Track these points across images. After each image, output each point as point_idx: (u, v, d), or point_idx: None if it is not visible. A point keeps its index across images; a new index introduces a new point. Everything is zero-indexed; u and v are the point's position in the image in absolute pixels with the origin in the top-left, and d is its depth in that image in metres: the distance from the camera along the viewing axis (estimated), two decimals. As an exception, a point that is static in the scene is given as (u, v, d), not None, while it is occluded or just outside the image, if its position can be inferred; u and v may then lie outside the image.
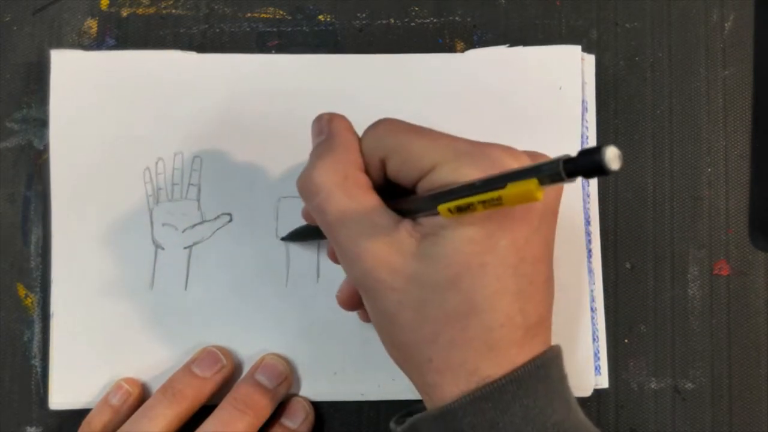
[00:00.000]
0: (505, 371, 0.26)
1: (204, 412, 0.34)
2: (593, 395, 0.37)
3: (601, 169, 0.19)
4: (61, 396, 0.36)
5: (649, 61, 0.39)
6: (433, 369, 0.27)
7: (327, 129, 0.29)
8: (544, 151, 0.29)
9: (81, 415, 0.35)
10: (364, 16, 0.38)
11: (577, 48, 0.38)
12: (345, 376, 0.36)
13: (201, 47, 0.38)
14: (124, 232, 0.36)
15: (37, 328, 0.37)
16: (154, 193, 0.37)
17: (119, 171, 0.37)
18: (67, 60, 0.37)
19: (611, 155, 0.19)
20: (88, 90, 0.37)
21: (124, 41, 0.38)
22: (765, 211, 0.38)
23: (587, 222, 0.37)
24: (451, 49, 0.38)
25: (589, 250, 0.37)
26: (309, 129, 0.30)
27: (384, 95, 0.37)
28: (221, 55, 0.37)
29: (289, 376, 0.35)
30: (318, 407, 0.36)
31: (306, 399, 0.36)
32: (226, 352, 0.36)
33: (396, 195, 0.28)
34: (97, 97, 0.37)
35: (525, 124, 0.37)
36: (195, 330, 0.36)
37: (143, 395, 0.35)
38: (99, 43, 0.38)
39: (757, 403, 0.37)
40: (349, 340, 0.36)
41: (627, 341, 0.37)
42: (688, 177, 0.38)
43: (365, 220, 0.27)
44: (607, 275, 0.37)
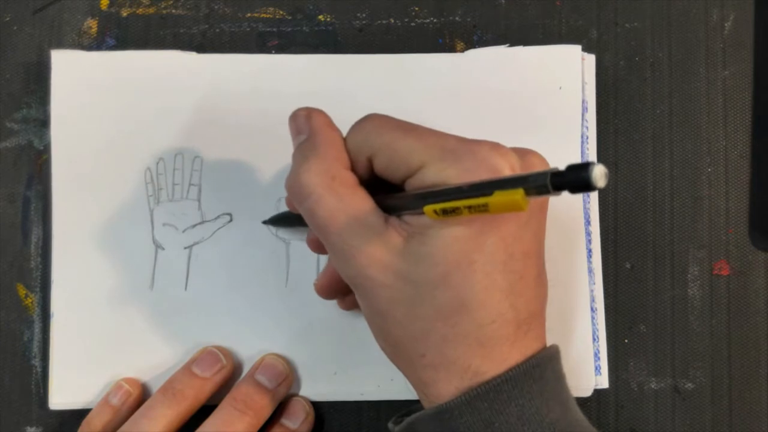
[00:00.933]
0: (499, 367, 0.26)
1: (204, 412, 0.34)
2: (593, 395, 0.37)
3: (587, 185, 0.20)
4: (61, 396, 0.36)
5: (649, 61, 0.39)
6: (426, 364, 0.27)
7: (306, 127, 0.29)
8: (544, 151, 0.29)
9: (81, 415, 0.35)
10: (364, 16, 0.38)
11: (578, 48, 0.38)
12: (345, 376, 0.36)
13: (201, 47, 0.38)
14: (124, 232, 0.36)
15: (37, 328, 0.37)
16: (154, 193, 0.37)
17: (120, 171, 0.37)
18: (67, 60, 0.37)
19: (598, 173, 0.20)
20: (89, 90, 0.37)
21: (124, 41, 0.38)
22: (765, 211, 0.38)
23: (587, 222, 0.37)
24: (451, 49, 0.38)
25: (589, 250, 0.37)
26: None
27: (384, 95, 0.37)
28: (221, 55, 0.37)
29: (289, 376, 0.35)
30: (318, 407, 0.36)
31: (306, 399, 0.36)
32: (226, 352, 0.36)
33: (384, 188, 0.28)
34: (97, 97, 0.37)
35: (525, 124, 0.37)
36: (195, 330, 0.36)
37: (143, 395, 0.35)
38: (99, 43, 0.38)
39: (757, 403, 0.37)
40: (349, 340, 0.36)
41: (627, 341, 0.37)
42: (688, 177, 0.38)
43: (355, 220, 0.27)
44: (607, 275, 0.37)
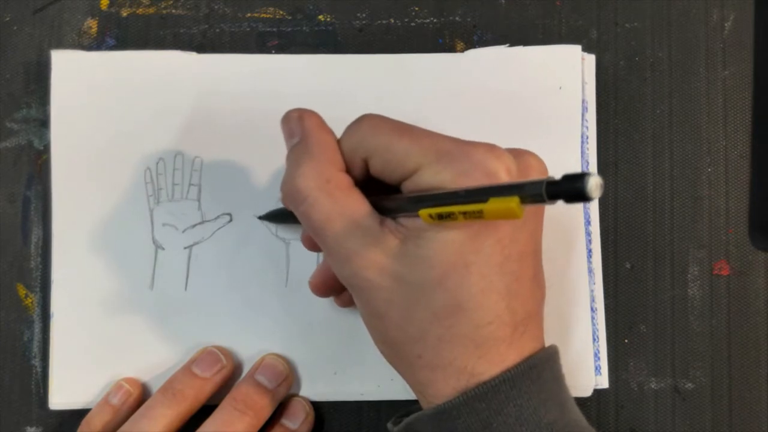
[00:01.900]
0: (496, 368, 0.26)
1: (204, 412, 0.34)
2: (593, 395, 0.37)
3: (582, 195, 0.20)
4: (61, 396, 0.36)
5: (649, 61, 0.39)
6: (423, 365, 0.27)
7: (299, 130, 0.28)
8: (544, 151, 0.29)
9: (81, 415, 0.35)
10: (364, 16, 0.38)
11: (578, 48, 0.38)
12: (345, 376, 0.36)
13: (201, 47, 0.38)
14: (124, 232, 0.36)
15: (37, 328, 0.37)
16: (154, 193, 0.37)
17: (120, 171, 0.37)
18: (67, 60, 0.37)
19: (593, 184, 0.20)
20: (89, 90, 0.37)
21: (124, 41, 0.38)
22: (765, 211, 0.38)
23: (587, 222, 0.37)
24: (451, 49, 0.38)
25: (589, 250, 0.37)
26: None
27: (384, 95, 0.37)
28: (221, 55, 0.37)
29: (289, 376, 0.35)
30: (318, 407, 0.36)
31: (306, 399, 0.36)
32: (226, 352, 0.36)
33: (380, 188, 0.28)
34: (97, 97, 0.37)
35: (525, 124, 0.37)
36: (195, 330, 0.36)
37: (143, 395, 0.35)
38: (99, 43, 0.38)
39: (757, 403, 0.37)
40: (349, 340, 0.36)
41: (627, 341, 0.37)
42: (688, 177, 0.38)
43: (350, 223, 0.27)
44: (607, 275, 0.37)
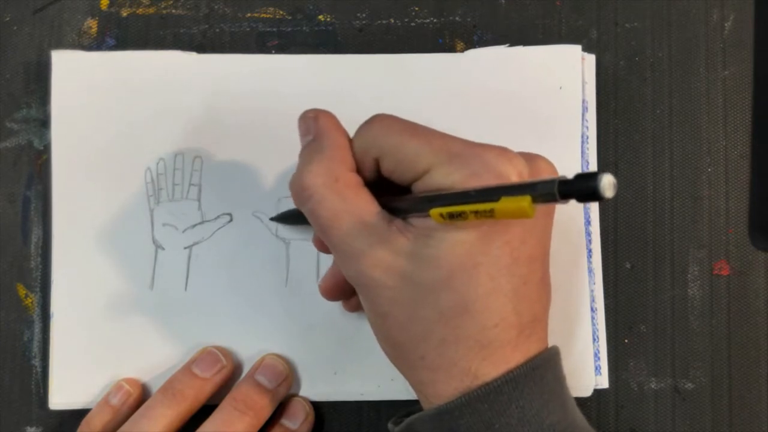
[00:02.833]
0: (500, 371, 0.26)
1: (204, 412, 0.34)
2: (593, 395, 0.37)
3: (595, 194, 0.20)
4: (61, 396, 0.36)
5: (649, 61, 0.39)
6: (425, 366, 0.27)
7: (314, 128, 0.29)
8: (544, 151, 0.29)
9: (81, 415, 0.35)
10: (364, 16, 0.38)
11: (578, 48, 0.38)
12: (345, 376, 0.36)
13: (201, 47, 0.38)
14: (124, 232, 0.36)
15: (37, 328, 0.37)
16: (154, 193, 0.37)
17: (120, 171, 0.37)
18: (67, 60, 0.37)
19: (607, 183, 0.19)
20: (89, 90, 0.37)
21: (124, 41, 0.38)
22: (765, 211, 0.38)
23: (587, 222, 0.37)
24: (451, 49, 0.38)
25: (589, 250, 0.37)
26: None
27: (384, 95, 0.37)
28: (221, 55, 0.37)
29: (289, 376, 0.35)
30: (318, 407, 0.36)
31: (306, 399, 0.36)
32: (226, 353, 0.36)
33: (390, 189, 0.28)
34: (97, 97, 0.37)
35: (525, 124, 0.37)
36: (195, 330, 0.36)
37: (143, 395, 0.35)
38: (99, 43, 0.38)
39: (757, 403, 0.37)
40: (349, 340, 0.36)
41: (627, 341, 0.37)
42: (688, 177, 0.38)
43: (358, 222, 0.27)
44: (607, 275, 0.37)
